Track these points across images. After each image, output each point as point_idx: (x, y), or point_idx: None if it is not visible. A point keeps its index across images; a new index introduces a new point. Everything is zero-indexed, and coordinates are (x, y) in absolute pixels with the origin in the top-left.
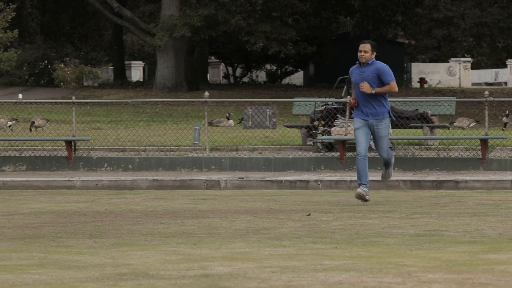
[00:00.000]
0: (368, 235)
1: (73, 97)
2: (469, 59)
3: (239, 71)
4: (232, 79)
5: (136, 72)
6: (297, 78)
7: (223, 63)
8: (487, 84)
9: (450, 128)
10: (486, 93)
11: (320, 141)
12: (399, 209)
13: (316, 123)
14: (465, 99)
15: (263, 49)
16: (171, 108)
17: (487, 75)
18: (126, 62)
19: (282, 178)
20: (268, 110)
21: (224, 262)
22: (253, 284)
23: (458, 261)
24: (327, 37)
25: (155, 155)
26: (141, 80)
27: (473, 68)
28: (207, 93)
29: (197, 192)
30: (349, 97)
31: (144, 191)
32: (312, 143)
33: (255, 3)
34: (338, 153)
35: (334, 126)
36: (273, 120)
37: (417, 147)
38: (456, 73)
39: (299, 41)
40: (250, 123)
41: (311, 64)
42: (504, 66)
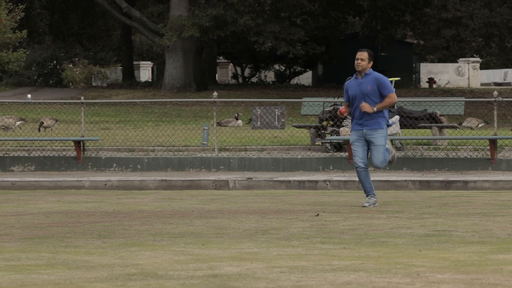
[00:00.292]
0: (376, 235)
1: (82, 97)
2: (478, 59)
3: (247, 71)
4: (240, 79)
5: (145, 72)
6: (306, 78)
7: (231, 63)
8: (496, 84)
9: (459, 128)
10: (495, 93)
11: (329, 141)
12: (407, 209)
13: (324, 123)
14: (474, 99)
15: (271, 49)
16: (180, 108)
17: (496, 75)
18: (134, 62)
19: (291, 178)
20: (276, 110)
21: (233, 262)
22: (261, 284)
23: (467, 261)
24: (336, 37)
25: (163, 155)
26: (150, 80)
27: (482, 68)
28: (215, 93)
29: (206, 192)
30: (341, 106)
31: (153, 191)
32: (320, 143)
33: (264, 3)
34: (347, 153)
35: (343, 126)
36: (282, 120)
37: (426, 147)
38: (465, 73)
39: (307, 41)
40: (259, 123)
41: (319, 64)
42: None
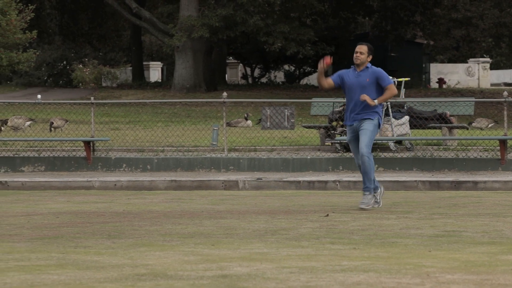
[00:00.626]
0: (386, 236)
1: (92, 98)
2: (488, 59)
3: (257, 72)
4: (250, 80)
5: (155, 72)
6: (315, 78)
7: (241, 64)
8: (506, 84)
9: (468, 129)
10: (505, 93)
11: (339, 141)
12: (417, 209)
13: (334, 123)
14: (484, 100)
15: (281, 49)
16: (189, 109)
17: (506, 75)
18: (144, 63)
19: (300, 179)
20: (286, 110)
21: (242, 262)
22: (271, 285)
23: (477, 262)
24: (346, 37)
25: (173, 155)
26: (160, 80)
27: (492, 68)
28: (225, 93)
29: (215, 192)
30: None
31: (163, 191)
32: (330, 144)
33: (274, 4)
34: None
35: None
36: (291, 120)
37: (435, 147)
38: (475, 74)
39: (317, 41)
40: (268, 123)
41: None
42: None
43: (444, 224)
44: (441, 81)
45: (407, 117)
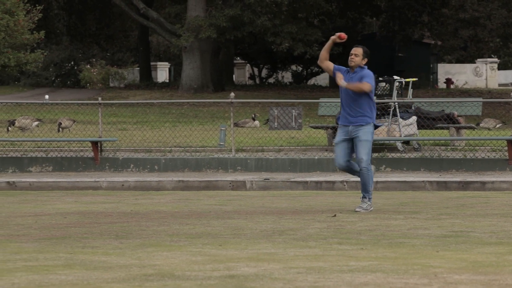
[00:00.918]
0: (394, 236)
1: (99, 98)
2: (496, 59)
3: (264, 72)
4: (257, 80)
5: (162, 73)
6: (323, 79)
7: (248, 64)
8: None
9: (476, 129)
10: None
11: None
12: (425, 210)
13: None
14: (491, 100)
15: (288, 50)
16: (197, 109)
17: None
18: (152, 63)
19: (308, 179)
20: (293, 111)
21: (250, 263)
22: (278, 285)
23: (485, 262)
24: (353, 38)
25: (181, 156)
26: (167, 81)
27: (499, 68)
28: (232, 94)
29: (223, 193)
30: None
31: (170, 192)
32: None
33: (281, 4)
34: None
35: None
36: (299, 121)
37: (443, 148)
38: (482, 74)
39: (324, 42)
40: (276, 124)
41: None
42: None
43: (451, 224)
44: (448, 81)
45: (414, 118)
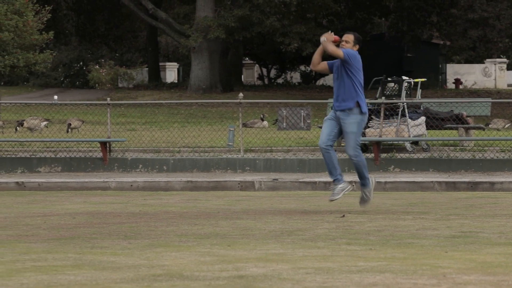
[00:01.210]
0: (402, 237)
1: (108, 99)
2: (505, 60)
3: (273, 72)
4: (266, 80)
5: (171, 73)
6: (332, 79)
7: (257, 64)
8: None
9: (485, 129)
10: None
11: None
12: (434, 210)
13: None
14: (500, 100)
15: (297, 50)
16: (206, 109)
17: None
18: (160, 64)
19: (317, 180)
20: (302, 111)
21: (259, 263)
22: (287, 285)
23: (494, 262)
24: (362, 38)
25: (189, 156)
26: (176, 81)
27: (508, 69)
28: (241, 94)
29: (232, 193)
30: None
31: (179, 192)
32: None
33: (290, 4)
34: (373, 154)
35: (369, 127)
36: (308, 121)
37: (452, 148)
38: (491, 74)
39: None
40: (285, 124)
41: None
42: None
43: (460, 225)
44: (457, 81)
45: (423, 118)
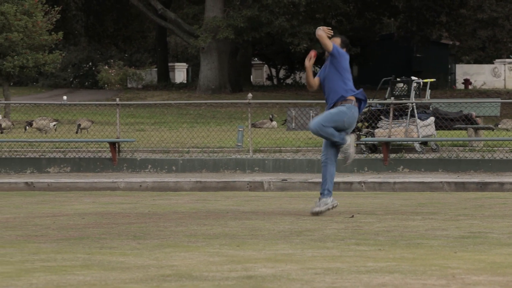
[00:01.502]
0: (411, 237)
1: (117, 99)
2: None
3: (282, 73)
4: (275, 81)
5: (180, 73)
6: None
7: (266, 65)
8: None
9: (494, 130)
10: None
11: (364, 142)
12: (443, 211)
13: (359, 124)
14: (510, 101)
15: (306, 50)
16: (215, 110)
17: None
18: (169, 64)
19: None
20: (311, 111)
21: (268, 263)
22: (296, 286)
23: (503, 263)
24: (371, 38)
25: (198, 156)
26: (185, 81)
27: None
28: (250, 94)
29: (241, 193)
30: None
31: (188, 192)
32: (355, 145)
33: (299, 5)
34: (382, 155)
35: (378, 127)
36: None
37: (461, 148)
38: (501, 74)
39: None
40: (294, 124)
41: (354, 65)
42: None
43: (470, 225)
44: (466, 82)
45: (432, 118)
